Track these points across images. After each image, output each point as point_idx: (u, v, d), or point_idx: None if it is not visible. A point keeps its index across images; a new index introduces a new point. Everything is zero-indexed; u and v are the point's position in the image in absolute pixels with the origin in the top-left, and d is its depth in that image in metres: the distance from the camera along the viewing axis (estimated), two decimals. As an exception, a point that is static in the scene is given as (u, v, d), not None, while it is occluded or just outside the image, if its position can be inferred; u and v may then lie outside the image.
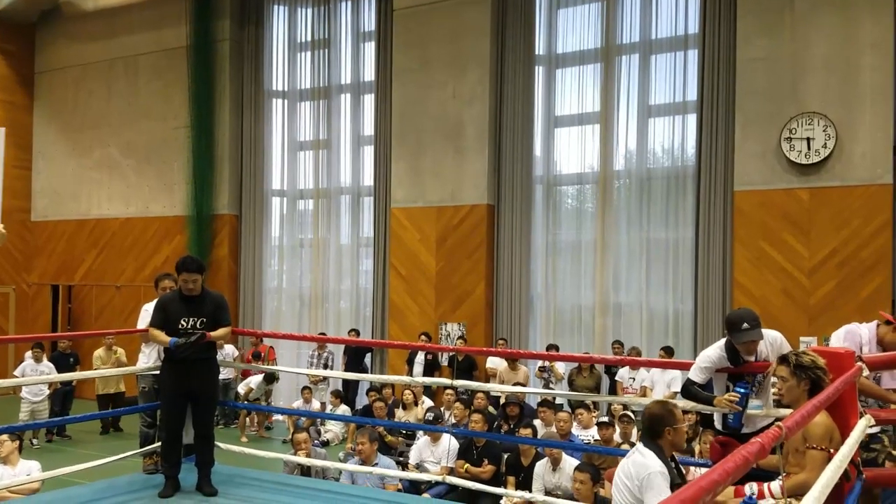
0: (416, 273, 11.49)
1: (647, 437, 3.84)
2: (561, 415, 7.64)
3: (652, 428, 3.82)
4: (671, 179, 10.45)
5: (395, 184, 11.73)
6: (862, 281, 8.79)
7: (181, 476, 5.38)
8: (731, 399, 4.25)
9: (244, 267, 13.47)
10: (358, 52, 12.79)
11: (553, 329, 11.08)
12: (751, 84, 9.43)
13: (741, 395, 4.24)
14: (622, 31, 10.72)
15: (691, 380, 4.46)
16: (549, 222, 11.17)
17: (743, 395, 4.24)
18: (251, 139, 13.42)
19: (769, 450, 2.28)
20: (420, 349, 10.70)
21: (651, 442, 3.79)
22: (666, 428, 3.79)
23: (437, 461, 7.45)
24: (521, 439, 7.11)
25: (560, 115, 11.20)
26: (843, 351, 3.93)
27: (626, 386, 9.53)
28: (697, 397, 4.44)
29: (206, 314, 5.33)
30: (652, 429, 3.81)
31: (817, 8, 9.08)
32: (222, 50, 13.34)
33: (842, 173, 8.96)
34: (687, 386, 4.49)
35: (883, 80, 8.80)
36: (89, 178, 14.76)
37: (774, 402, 4.64)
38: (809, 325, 8.95)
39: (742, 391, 4.25)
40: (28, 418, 10.02)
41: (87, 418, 7.58)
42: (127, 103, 14.33)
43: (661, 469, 3.62)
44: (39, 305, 15.18)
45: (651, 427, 3.82)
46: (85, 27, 14.79)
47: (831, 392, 3.28)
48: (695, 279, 10.07)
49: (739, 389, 4.26)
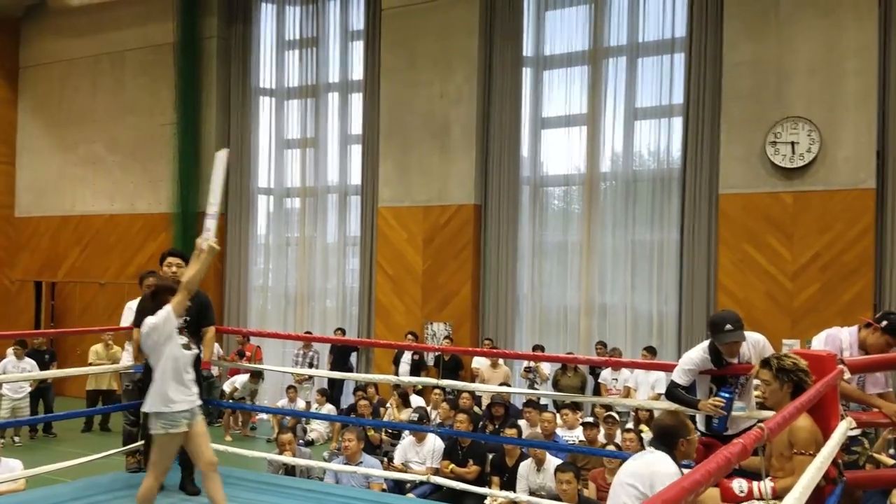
0: (403, 272, 11.49)
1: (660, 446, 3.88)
2: (545, 415, 7.67)
3: (665, 439, 3.86)
4: (657, 182, 10.50)
5: (382, 183, 11.72)
6: (844, 284, 8.88)
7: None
8: (715, 404, 4.29)
9: (230, 265, 13.41)
10: (346, 51, 12.77)
11: (539, 329, 11.11)
12: (736, 88, 9.50)
13: (726, 401, 4.28)
14: (609, 34, 10.76)
15: (675, 382, 4.50)
16: (535, 223, 11.21)
17: (728, 399, 4.29)
18: (238, 137, 13.36)
19: (751, 451, 2.31)
20: (406, 349, 10.70)
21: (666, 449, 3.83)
22: (680, 440, 3.84)
23: (422, 461, 7.46)
24: (505, 439, 7.14)
25: (547, 116, 11.23)
26: (825, 354, 3.97)
27: (610, 387, 9.57)
28: (682, 400, 4.47)
29: (191, 313, 5.30)
30: (665, 440, 3.86)
31: (802, 13, 9.16)
32: (210, 47, 13.27)
33: (825, 177, 9.04)
34: (671, 388, 4.53)
35: (867, 86, 8.89)
36: (74, 174, 14.65)
37: (758, 405, 4.69)
38: (792, 328, 9.03)
39: (726, 396, 4.29)
40: (8, 415, 9.94)
41: (70, 416, 7.53)
42: (113, 99, 14.23)
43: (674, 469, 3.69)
44: (22, 302, 15.05)
45: (664, 438, 3.86)
46: (71, 22, 14.67)
47: (812, 395, 3.31)
48: (679, 281, 10.13)
49: (724, 394, 4.31)
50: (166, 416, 4.31)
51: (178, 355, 4.39)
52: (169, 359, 4.35)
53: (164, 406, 4.31)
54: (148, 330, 4.33)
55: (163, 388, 4.32)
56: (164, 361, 4.34)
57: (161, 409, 4.31)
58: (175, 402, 4.32)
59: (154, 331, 4.32)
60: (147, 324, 4.34)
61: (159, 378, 4.34)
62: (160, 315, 4.33)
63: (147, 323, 4.34)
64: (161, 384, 4.33)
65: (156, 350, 4.35)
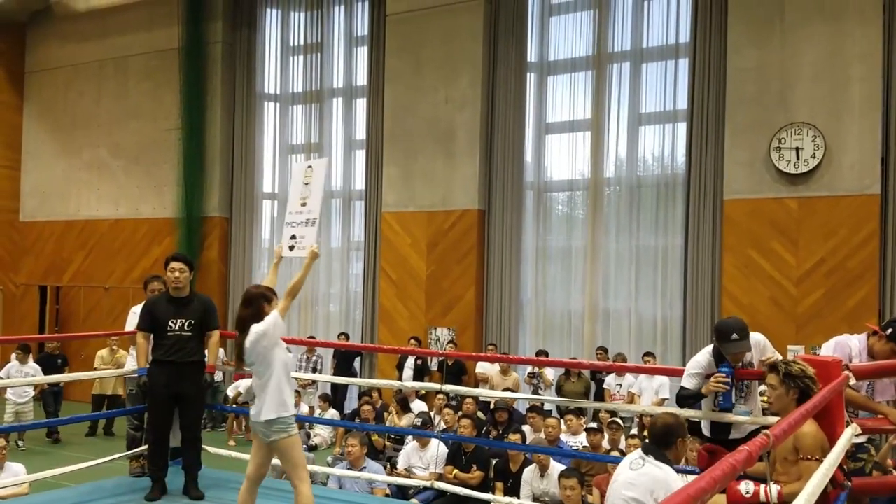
0: (407, 277, 11.49)
1: (655, 445, 3.86)
2: (549, 421, 7.65)
3: (664, 437, 3.85)
4: (661, 187, 10.50)
5: (386, 188, 11.73)
6: (849, 290, 8.85)
7: (168, 479, 5.36)
8: (717, 379, 4.30)
9: (234, 269, 13.42)
10: (350, 57, 12.80)
11: (543, 334, 11.10)
12: (741, 93, 9.49)
13: (726, 373, 4.30)
14: (614, 40, 10.76)
15: (684, 387, 4.50)
16: (539, 228, 11.20)
17: (728, 373, 4.30)
18: (242, 142, 13.40)
19: (756, 458, 2.30)
20: (409, 353, 10.70)
21: (660, 453, 3.82)
22: (678, 439, 3.84)
23: (426, 466, 7.45)
24: (509, 445, 7.12)
25: (551, 121, 11.24)
26: (831, 360, 3.96)
27: (614, 392, 9.55)
28: (689, 397, 4.48)
29: (194, 316, 5.33)
30: (664, 438, 3.85)
31: (807, 19, 9.15)
32: (214, 52, 13.32)
33: (830, 183, 9.02)
34: (680, 393, 4.53)
35: (871, 91, 8.88)
36: (78, 179, 14.69)
37: (763, 410, 4.67)
38: (797, 334, 9.01)
39: (726, 370, 4.31)
40: (13, 420, 9.95)
41: (74, 420, 7.54)
42: (117, 104, 14.27)
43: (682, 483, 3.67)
44: (26, 306, 15.08)
45: (664, 436, 3.86)
46: (76, 27, 14.74)
47: (818, 401, 3.30)
48: (683, 286, 10.12)
49: (723, 370, 4.33)
50: (285, 421, 4.30)
51: (287, 359, 4.41)
52: (281, 364, 4.34)
53: (283, 411, 4.30)
54: (256, 337, 4.29)
55: (280, 394, 4.30)
56: (277, 367, 4.32)
57: (281, 413, 4.29)
58: (290, 406, 4.34)
59: (263, 337, 4.29)
60: (255, 331, 4.29)
61: (275, 384, 4.31)
62: (268, 321, 4.31)
63: (255, 330, 4.29)
64: (278, 390, 4.31)
65: (266, 356, 4.31)
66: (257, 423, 4.33)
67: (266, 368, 4.32)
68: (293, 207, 5.08)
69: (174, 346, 5.24)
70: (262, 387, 4.34)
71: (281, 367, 4.34)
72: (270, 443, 4.33)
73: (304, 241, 4.71)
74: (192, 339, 5.31)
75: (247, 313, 4.37)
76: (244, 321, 4.36)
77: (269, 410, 4.28)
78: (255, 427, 4.37)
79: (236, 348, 4.46)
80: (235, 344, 4.47)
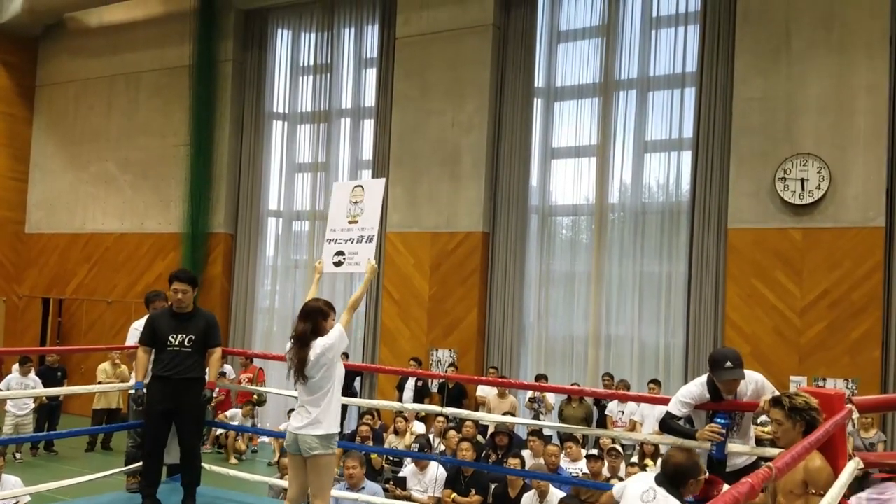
0: (409, 298, 11.49)
1: (668, 484, 3.83)
2: (550, 448, 7.60)
3: (676, 478, 3.81)
4: (665, 214, 10.51)
5: (391, 208, 11.76)
6: (853, 322, 8.83)
7: (165, 496, 5.33)
8: (713, 430, 4.27)
9: (237, 286, 13.43)
10: (359, 78, 12.88)
11: (544, 359, 11.06)
12: (746, 123, 9.53)
13: (722, 426, 4.27)
14: (621, 67, 10.83)
15: (671, 413, 4.46)
16: (543, 252, 11.21)
17: (724, 425, 4.28)
18: (250, 159, 13.47)
19: (759, 490, 2.29)
20: (410, 375, 10.66)
21: (674, 490, 3.78)
22: (690, 480, 3.80)
23: (424, 490, 7.40)
24: (509, 470, 7.07)
25: (557, 146, 11.28)
26: (833, 392, 3.94)
27: (616, 419, 9.50)
28: (678, 431, 4.44)
29: (196, 332, 5.32)
30: (676, 479, 3.81)
31: (814, 50, 9.21)
32: (224, 70, 13.43)
33: (835, 215, 9.03)
34: (666, 420, 4.49)
35: (877, 124, 8.91)
36: (85, 192, 14.76)
37: (769, 444, 4.64)
38: (800, 365, 8.97)
39: (722, 422, 4.29)
40: (12, 432, 9.91)
41: (75, 434, 7.52)
42: (126, 119, 14.38)
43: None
44: (29, 318, 15.09)
45: (675, 477, 3.82)
46: (88, 43, 14.88)
47: (821, 434, 3.29)
48: (686, 314, 10.09)
49: (720, 420, 4.30)
50: (335, 437, 4.30)
51: (343, 374, 4.44)
52: (340, 378, 4.37)
53: (336, 427, 4.31)
54: (322, 350, 4.32)
55: (337, 408, 4.32)
56: (336, 381, 4.34)
57: (335, 429, 4.30)
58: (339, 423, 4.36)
59: (330, 350, 4.33)
60: (321, 344, 4.33)
61: (334, 398, 4.32)
62: (334, 335, 4.34)
63: (321, 343, 4.33)
64: (336, 404, 4.32)
65: (329, 369, 4.33)
66: (306, 435, 4.29)
67: (327, 381, 4.33)
68: (337, 224, 5.15)
69: (172, 362, 5.22)
70: (317, 401, 4.33)
71: (339, 381, 4.39)
72: (312, 457, 4.27)
73: (359, 256, 4.81)
74: (191, 355, 5.29)
75: (307, 327, 4.40)
76: (304, 335, 4.38)
77: (329, 424, 4.29)
78: (302, 440, 4.30)
79: (297, 362, 4.40)
80: (295, 358, 4.41)
